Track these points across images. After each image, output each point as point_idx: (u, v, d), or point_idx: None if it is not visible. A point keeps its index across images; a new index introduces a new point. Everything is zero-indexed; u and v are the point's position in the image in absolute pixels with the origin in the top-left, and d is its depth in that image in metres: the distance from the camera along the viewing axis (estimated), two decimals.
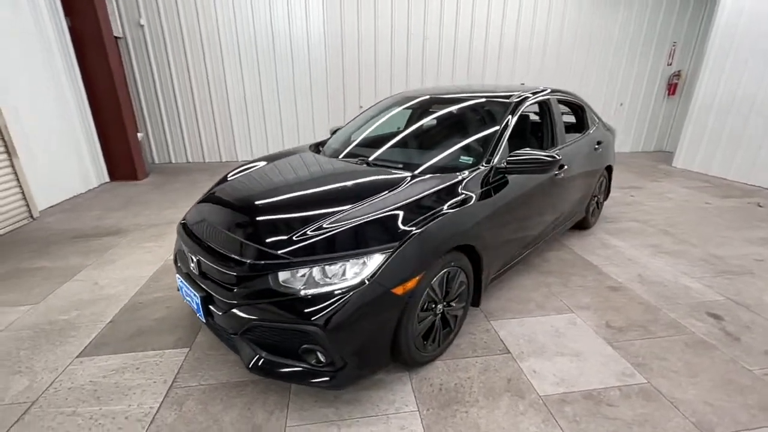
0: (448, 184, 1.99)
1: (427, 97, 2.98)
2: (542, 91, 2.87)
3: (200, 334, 2.25)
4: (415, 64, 7.24)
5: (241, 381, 1.90)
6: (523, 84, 3.69)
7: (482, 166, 2.20)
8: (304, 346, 1.57)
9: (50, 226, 3.97)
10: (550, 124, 2.92)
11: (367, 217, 1.72)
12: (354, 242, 1.63)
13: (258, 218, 1.87)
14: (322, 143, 3.05)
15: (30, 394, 1.82)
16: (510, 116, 2.46)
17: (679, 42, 7.93)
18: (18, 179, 4.00)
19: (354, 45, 6.95)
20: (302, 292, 1.55)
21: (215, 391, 1.84)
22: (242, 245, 1.72)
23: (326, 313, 1.50)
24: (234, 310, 1.63)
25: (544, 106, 2.93)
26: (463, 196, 1.99)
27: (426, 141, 2.68)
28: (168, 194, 5.13)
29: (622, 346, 2.18)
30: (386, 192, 1.91)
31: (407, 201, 1.83)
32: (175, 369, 1.98)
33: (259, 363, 1.64)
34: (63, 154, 4.85)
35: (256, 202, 2.01)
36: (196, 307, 1.84)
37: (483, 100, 2.71)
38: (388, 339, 1.68)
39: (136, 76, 6.52)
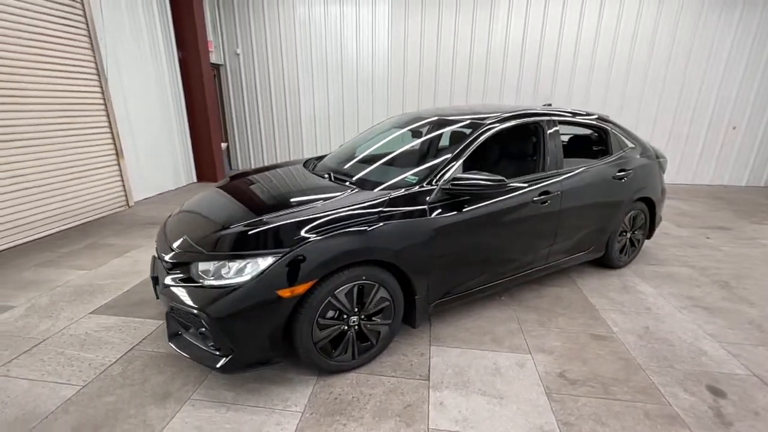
0: (369, 201, 2.05)
1: (416, 118, 3.03)
2: (523, 114, 2.68)
3: None
4: (477, 82, 7.13)
5: (181, 355, 2.22)
6: (548, 105, 3.42)
7: (424, 186, 2.19)
8: (200, 329, 1.81)
9: (137, 214, 5.01)
10: (541, 148, 2.70)
11: (277, 223, 1.89)
12: (256, 244, 1.82)
13: (197, 217, 2.20)
14: (321, 157, 3.32)
15: (46, 333, 2.41)
16: (469, 139, 2.39)
17: None
18: (121, 176, 5.16)
19: (415, 64, 7.17)
20: (206, 283, 1.79)
21: (159, 359, 2.19)
22: (178, 238, 2.05)
23: (215, 302, 1.71)
24: (165, 291, 1.95)
25: (536, 130, 2.72)
26: (387, 213, 2.02)
27: (394, 160, 2.72)
28: None
29: (561, 400, 1.92)
30: (315, 202, 2.06)
31: (323, 212, 1.95)
32: (143, 336, 2.40)
33: (175, 338, 1.92)
34: (161, 158, 6.05)
35: (204, 204, 2.37)
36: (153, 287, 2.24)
37: (456, 123, 2.66)
38: (276, 336, 1.81)
39: (230, 96, 7.79)
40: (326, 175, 2.59)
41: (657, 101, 6.81)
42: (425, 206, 2.13)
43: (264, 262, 1.75)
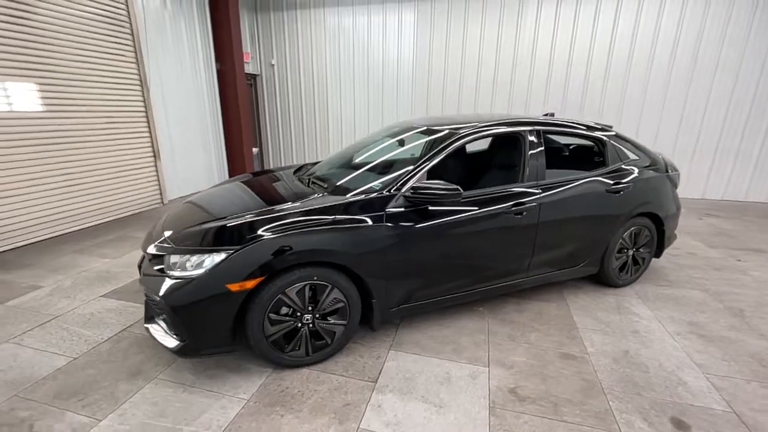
0: (324, 205, 2.15)
1: (406, 128, 3.08)
2: (500, 125, 2.65)
3: None
4: (502, 92, 6.99)
5: (152, 337, 2.45)
6: (550, 114, 3.32)
7: (383, 192, 2.25)
8: (162, 316, 2.01)
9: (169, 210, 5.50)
10: (521, 158, 2.64)
11: (234, 222, 2.05)
12: (214, 241, 1.99)
13: (178, 214, 2.42)
14: (317, 163, 3.48)
15: (60, 311, 2.77)
16: (436, 149, 2.41)
17: None
18: (158, 176, 5.71)
19: (440, 72, 7.18)
20: (171, 273, 1.99)
21: (142, 341, 2.44)
22: (160, 232, 2.28)
23: (173, 292, 1.90)
24: (142, 279, 2.18)
25: (516, 141, 2.67)
26: (341, 218, 2.10)
27: (372, 167, 2.77)
28: None
29: (502, 415, 1.88)
30: (279, 205, 2.21)
31: (277, 214, 2.08)
32: (136, 320, 2.67)
33: (149, 321, 2.15)
34: (196, 159, 6.59)
35: (190, 202, 2.60)
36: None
37: (434, 133, 2.68)
38: (226, 327, 1.95)
39: (265, 103, 8.29)
40: (306, 181, 2.73)
41: (701, 114, 6.24)
42: (383, 212, 2.19)
43: (218, 257, 1.92)
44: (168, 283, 1.94)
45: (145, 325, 2.16)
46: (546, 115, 3.46)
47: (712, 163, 6.37)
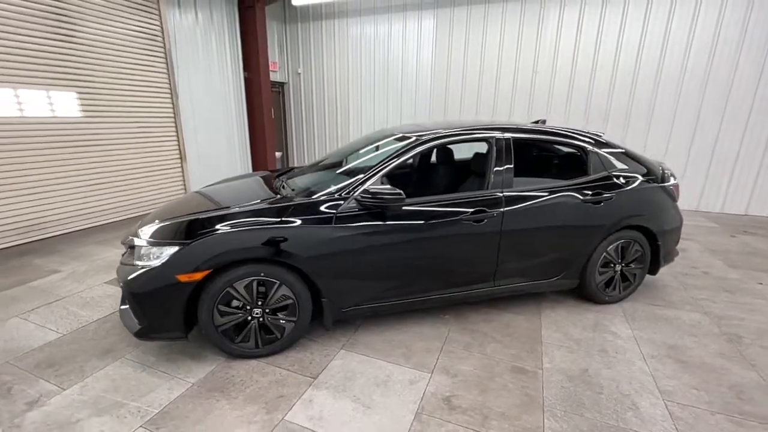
0: (274, 206, 2.27)
1: (388, 134, 3.12)
2: (463, 133, 2.63)
3: None
4: (521, 100, 6.80)
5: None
6: (540, 121, 3.23)
7: (335, 196, 2.32)
8: (126, 301, 2.22)
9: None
10: (487, 165, 2.60)
11: (190, 218, 2.22)
12: (173, 235, 2.18)
13: (157, 213, 2.64)
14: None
15: (68, 293, 3.12)
16: (391, 155, 2.46)
17: None
18: (183, 176, 6.19)
19: (458, 79, 7.14)
20: (136, 263, 2.20)
21: None
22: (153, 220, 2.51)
23: (133, 280, 2.10)
24: (118, 267, 2.42)
25: (485, 147, 2.64)
26: (289, 219, 2.21)
27: (344, 172, 2.85)
28: None
29: (427, 422, 1.87)
30: (238, 205, 2.36)
31: (234, 212, 2.23)
32: None
33: (121, 305, 2.38)
34: (220, 161, 7.03)
35: (174, 200, 2.83)
36: None
37: (404, 139, 2.70)
38: (177, 315, 2.12)
39: (291, 110, 8.69)
40: (279, 183, 2.87)
41: (744, 121, 5.66)
42: (333, 214, 2.26)
43: (171, 250, 2.10)
44: (131, 271, 2.14)
45: (120, 308, 2.40)
46: (535, 122, 3.38)
47: (757, 176, 5.75)
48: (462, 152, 3.51)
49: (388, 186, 2.22)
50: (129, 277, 2.12)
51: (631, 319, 2.83)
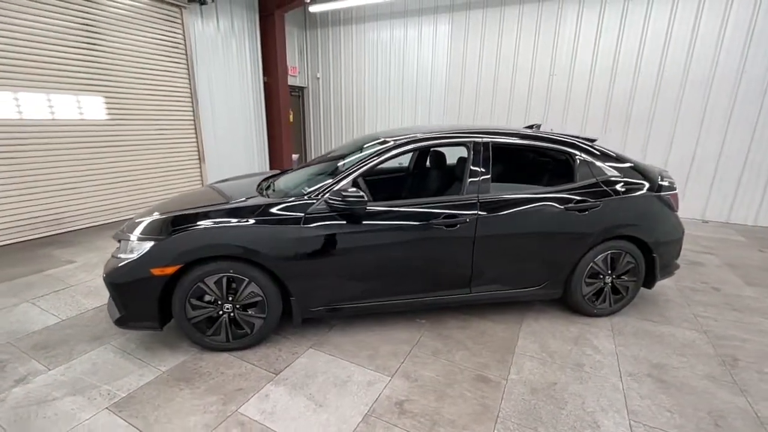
0: (244, 206, 2.36)
1: (373, 138, 3.16)
2: (439, 137, 2.62)
3: None
4: (536, 106, 6.61)
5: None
6: (535, 126, 3.13)
7: (304, 198, 2.38)
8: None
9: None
10: (467, 169, 2.57)
11: (165, 216, 2.34)
12: (152, 231, 2.31)
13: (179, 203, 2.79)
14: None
15: (76, 282, 3.38)
16: (363, 158, 2.49)
17: None
18: (201, 176, 6.51)
19: (472, 83, 7.05)
20: (120, 255, 2.36)
21: None
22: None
23: (113, 271, 2.25)
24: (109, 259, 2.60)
25: (469, 150, 2.60)
26: (260, 219, 2.28)
27: (320, 174, 2.89)
28: None
29: (374, 424, 1.88)
30: (215, 205, 2.46)
31: (206, 211, 2.33)
32: None
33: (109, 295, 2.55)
34: (238, 161, 7.33)
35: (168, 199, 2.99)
36: None
37: (383, 144, 2.71)
38: (151, 306, 2.24)
39: (310, 113, 8.91)
40: (264, 184, 2.97)
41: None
42: (302, 215, 2.32)
43: (148, 245, 2.23)
44: (113, 263, 2.30)
45: (108, 298, 2.57)
46: (529, 127, 3.29)
47: None
48: (452, 157, 3.48)
49: (354, 189, 2.25)
50: (110, 269, 2.27)
51: (618, 334, 2.68)
